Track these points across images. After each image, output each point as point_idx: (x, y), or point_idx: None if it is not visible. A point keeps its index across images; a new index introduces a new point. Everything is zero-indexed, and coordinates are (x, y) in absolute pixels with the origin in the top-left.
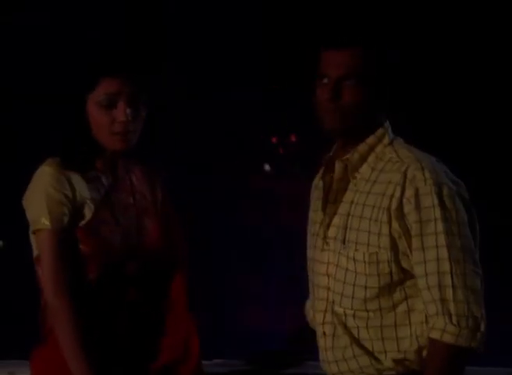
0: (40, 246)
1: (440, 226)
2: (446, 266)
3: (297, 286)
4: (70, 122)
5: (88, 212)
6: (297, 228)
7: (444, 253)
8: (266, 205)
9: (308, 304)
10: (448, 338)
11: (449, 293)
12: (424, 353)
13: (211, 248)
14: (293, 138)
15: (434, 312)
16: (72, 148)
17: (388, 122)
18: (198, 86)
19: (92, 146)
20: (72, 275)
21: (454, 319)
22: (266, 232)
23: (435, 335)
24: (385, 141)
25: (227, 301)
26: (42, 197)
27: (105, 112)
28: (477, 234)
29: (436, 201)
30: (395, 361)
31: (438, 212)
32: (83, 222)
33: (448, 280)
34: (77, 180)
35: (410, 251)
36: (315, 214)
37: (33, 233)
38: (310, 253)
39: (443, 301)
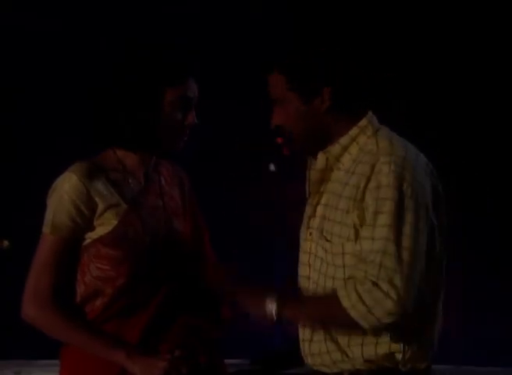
0: (37, 248)
1: (388, 220)
2: (378, 259)
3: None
4: (137, 111)
5: (114, 218)
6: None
7: (381, 245)
8: (271, 205)
9: None
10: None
11: (369, 285)
12: (392, 349)
13: (213, 247)
14: None
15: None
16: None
17: (370, 113)
18: (201, 85)
19: (148, 140)
20: (63, 285)
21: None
22: (270, 232)
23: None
24: (369, 131)
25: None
26: (55, 203)
27: (179, 111)
28: (435, 239)
29: (392, 195)
30: (365, 358)
31: (390, 206)
32: (109, 227)
33: (374, 271)
34: (102, 186)
35: (360, 239)
36: (306, 206)
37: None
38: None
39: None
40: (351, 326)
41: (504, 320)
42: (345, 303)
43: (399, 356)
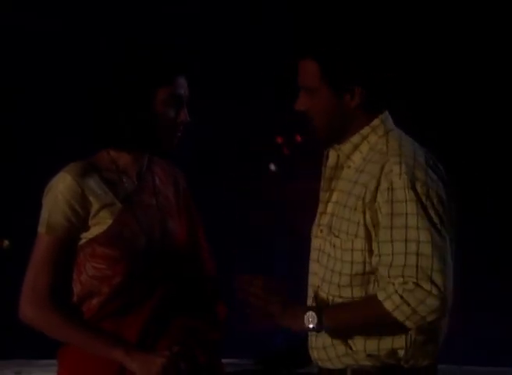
0: (34, 249)
1: (411, 221)
2: (413, 261)
3: (302, 287)
4: (133, 113)
5: (109, 217)
6: (303, 228)
7: (413, 247)
8: (271, 205)
9: None
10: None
11: (411, 285)
12: (395, 345)
13: (213, 247)
14: (298, 138)
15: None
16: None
17: (386, 113)
18: (202, 85)
19: (148, 139)
20: (60, 284)
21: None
22: (270, 232)
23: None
24: (380, 131)
25: (230, 300)
26: (50, 203)
27: (171, 109)
28: (449, 233)
29: (409, 196)
30: (367, 353)
31: (410, 207)
32: (104, 227)
33: (413, 273)
34: (97, 186)
35: (378, 242)
36: (319, 203)
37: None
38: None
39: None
40: (394, 326)
41: (504, 320)
42: (388, 306)
43: (401, 353)
